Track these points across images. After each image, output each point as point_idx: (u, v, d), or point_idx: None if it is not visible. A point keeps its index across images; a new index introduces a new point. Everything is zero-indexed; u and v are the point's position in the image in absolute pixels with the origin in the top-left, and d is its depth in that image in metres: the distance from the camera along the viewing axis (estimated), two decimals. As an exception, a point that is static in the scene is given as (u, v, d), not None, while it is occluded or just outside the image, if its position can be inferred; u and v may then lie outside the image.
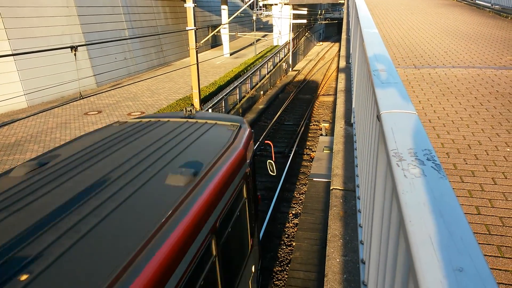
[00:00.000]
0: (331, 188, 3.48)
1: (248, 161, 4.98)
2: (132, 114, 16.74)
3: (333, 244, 2.74)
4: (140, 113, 16.85)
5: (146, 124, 5.52)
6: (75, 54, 5.70)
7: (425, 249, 0.76)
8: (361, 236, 2.49)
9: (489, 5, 15.26)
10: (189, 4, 15.71)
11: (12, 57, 17.90)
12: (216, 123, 5.55)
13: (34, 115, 8.51)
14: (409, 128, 1.26)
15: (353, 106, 4.90)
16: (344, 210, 3.10)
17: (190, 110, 6.02)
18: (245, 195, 4.83)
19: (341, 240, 2.79)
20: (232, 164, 4.28)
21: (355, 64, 4.97)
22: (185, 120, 5.69)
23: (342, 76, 7.65)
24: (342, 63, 8.82)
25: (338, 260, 2.61)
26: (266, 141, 9.85)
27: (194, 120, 5.64)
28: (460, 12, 14.99)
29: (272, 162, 6.97)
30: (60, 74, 20.38)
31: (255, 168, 5.67)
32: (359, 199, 2.88)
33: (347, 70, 8.00)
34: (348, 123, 4.81)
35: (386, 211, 1.41)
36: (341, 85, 6.91)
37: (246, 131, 5.42)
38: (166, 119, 5.74)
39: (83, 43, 11.31)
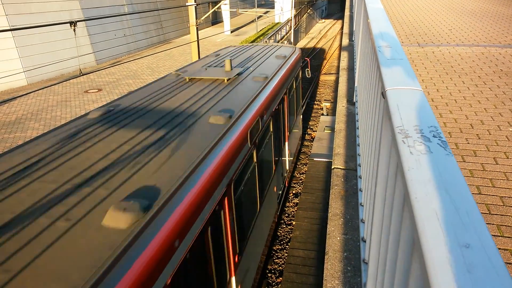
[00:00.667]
0: (332, 167, 3.48)
1: (300, 64, 10.10)
2: (132, 92, 16.67)
3: (334, 223, 2.76)
4: (140, 91, 16.77)
5: (245, 46, 10.64)
6: (74, 30, 5.61)
7: (430, 225, 0.75)
8: (362, 215, 2.50)
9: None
10: (190, -20, 15.41)
11: (10, 33, 17.69)
12: (282, 46, 10.59)
13: (33, 92, 8.46)
14: (415, 105, 1.25)
15: (355, 84, 4.85)
16: (345, 189, 3.10)
17: (266, 40, 13.31)
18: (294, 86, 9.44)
19: (341, 219, 2.80)
20: (292, 64, 8.70)
21: (358, 41, 4.90)
22: (264, 44, 10.65)
23: (344, 54, 7.55)
24: (345, 41, 8.70)
25: (338, 238, 2.63)
26: (306, 58, 14.29)
27: (270, 44, 10.66)
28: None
29: (308, 70, 12.22)
30: (60, 51, 20.18)
31: (300, 71, 10.36)
32: (361, 178, 2.88)
33: (350, 48, 7.90)
34: (350, 102, 4.77)
35: (390, 189, 1.40)
36: (344, 63, 6.83)
37: (298, 51, 10.15)
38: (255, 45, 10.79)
39: (83, 19, 11.09)
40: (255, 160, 5.43)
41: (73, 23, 5.12)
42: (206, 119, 4.69)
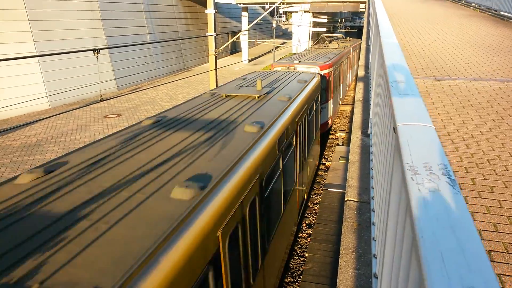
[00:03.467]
0: (345, 199, 3.45)
1: (319, 89, 11.43)
2: (150, 118, 16.97)
3: (346, 257, 2.71)
4: (158, 117, 17.06)
5: (270, 72, 12.36)
6: (97, 57, 5.84)
7: (435, 266, 0.74)
8: (374, 250, 2.46)
9: (514, 17, 14.99)
10: (210, 10, 15.89)
11: (36, 59, 18.38)
12: (303, 72, 12.16)
13: (55, 115, 8.70)
14: (425, 142, 1.25)
15: (370, 116, 4.86)
16: (358, 223, 3.06)
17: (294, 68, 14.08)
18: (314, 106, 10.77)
19: (354, 253, 2.75)
20: (311, 88, 9.95)
21: (373, 73, 4.93)
22: (287, 71, 13.11)
23: (360, 86, 7.59)
24: (361, 73, 8.76)
25: (350, 273, 2.58)
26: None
27: (292, 71, 12.36)
28: (483, 23, 14.76)
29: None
30: (82, 77, 20.81)
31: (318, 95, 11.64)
32: (374, 211, 2.85)
33: (366, 80, 7.94)
34: (365, 133, 4.77)
35: (400, 225, 1.39)
36: (359, 94, 6.86)
37: (317, 77, 11.55)
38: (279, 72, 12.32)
39: (106, 47, 11.56)
40: (280, 167, 6.46)
41: (96, 51, 5.33)
42: (242, 128, 5.73)
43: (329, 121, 17.45)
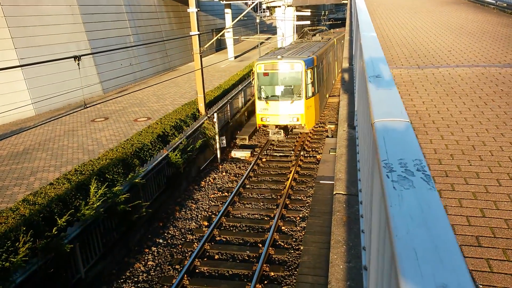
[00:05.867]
0: (334, 192, 3.47)
1: (334, 43, 25.21)
2: (138, 120, 16.83)
3: (336, 250, 2.74)
4: (146, 118, 16.94)
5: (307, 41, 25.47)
6: (78, 64, 5.76)
7: (409, 263, 0.76)
8: (363, 242, 2.49)
9: (494, 1, 15.14)
10: (192, 9, 15.79)
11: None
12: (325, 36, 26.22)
13: (42, 124, 8.60)
14: (401, 138, 1.26)
15: (355, 109, 4.89)
16: (348, 215, 3.08)
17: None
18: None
19: (344, 246, 2.78)
20: (331, 42, 23.83)
21: (356, 66, 4.95)
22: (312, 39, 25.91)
23: (345, 78, 7.62)
24: (345, 65, 8.80)
25: (341, 266, 2.60)
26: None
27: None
28: (464, 10, 14.88)
29: None
30: (67, 82, 20.56)
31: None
32: (362, 204, 2.87)
33: (350, 72, 7.98)
34: (351, 126, 4.80)
35: (383, 218, 1.40)
36: (344, 87, 6.89)
37: (333, 38, 25.37)
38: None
39: (87, 53, 11.40)
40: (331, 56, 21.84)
41: (77, 58, 5.26)
42: (319, 39, 22.65)
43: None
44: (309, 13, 35.82)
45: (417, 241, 0.81)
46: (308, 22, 36.77)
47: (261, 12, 59.75)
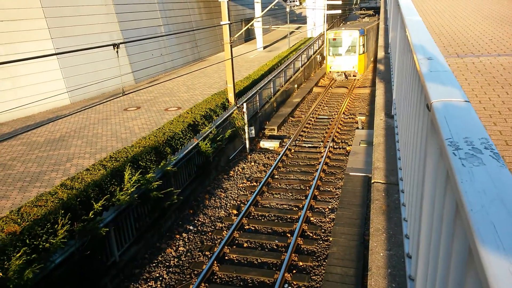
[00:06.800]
0: (372, 181, 3.43)
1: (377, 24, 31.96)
2: (169, 109, 17.09)
3: (376, 238, 2.71)
4: (176, 108, 17.17)
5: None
6: (117, 51, 5.89)
7: (489, 237, 0.74)
8: (406, 230, 2.45)
9: (538, -11, 14.38)
10: (224, -1, 15.79)
11: (55, 56, 18.67)
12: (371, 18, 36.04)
13: (78, 112, 8.86)
14: (463, 117, 1.23)
15: (393, 97, 4.79)
16: (387, 204, 3.04)
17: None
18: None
19: (384, 234, 2.75)
20: (377, 22, 31.22)
21: (395, 54, 4.84)
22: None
23: (381, 67, 7.47)
24: (381, 54, 8.61)
25: (381, 254, 2.57)
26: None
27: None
28: (505, -2, 14.24)
29: None
30: (100, 71, 21.07)
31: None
32: (403, 192, 2.82)
33: (386, 61, 7.80)
34: (389, 115, 4.70)
35: (438, 203, 1.38)
36: (380, 75, 6.75)
37: (377, 19, 32.38)
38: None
39: (125, 41, 11.65)
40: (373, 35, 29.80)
41: (116, 45, 5.37)
42: (367, 20, 32.40)
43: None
44: (340, 2, 35.15)
45: (494, 215, 0.79)
46: (339, 11, 36.14)
47: (290, 1, 59.16)
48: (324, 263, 9.83)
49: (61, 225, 7.33)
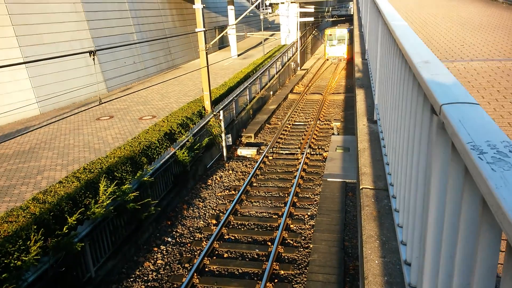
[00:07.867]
0: (360, 187, 3.39)
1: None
2: (143, 118, 16.78)
3: (370, 246, 2.66)
4: (151, 117, 16.88)
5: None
6: (93, 59, 5.69)
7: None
8: (401, 237, 2.41)
9: (502, -3, 15.00)
10: (198, 5, 15.70)
11: (23, 64, 18.05)
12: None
13: (48, 124, 8.53)
14: (478, 119, 1.18)
15: (375, 102, 4.80)
16: (378, 210, 3.01)
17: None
18: None
19: (377, 241, 2.70)
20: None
21: (375, 60, 4.87)
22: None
23: (359, 73, 7.54)
24: (358, 59, 8.70)
25: (376, 261, 2.52)
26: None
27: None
28: (473, 5, 14.77)
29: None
30: (71, 80, 20.51)
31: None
32: (395, 198, 2.79)
33: (365, 67, 7.89)
34: (371, 120, 4.71)
35: (450, 209, 1.33)
36: (359, 82, 6.80)
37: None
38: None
39: (102, 48, 11.34)
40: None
41: (92, 53, 5.19)
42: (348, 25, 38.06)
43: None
44: (312, 10, 35.77)
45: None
46: (312, 19, 36.72)
47: (263, 9, 59.64)
48: (306, 270, 9.78)
49: (33, 241, 6.99)
